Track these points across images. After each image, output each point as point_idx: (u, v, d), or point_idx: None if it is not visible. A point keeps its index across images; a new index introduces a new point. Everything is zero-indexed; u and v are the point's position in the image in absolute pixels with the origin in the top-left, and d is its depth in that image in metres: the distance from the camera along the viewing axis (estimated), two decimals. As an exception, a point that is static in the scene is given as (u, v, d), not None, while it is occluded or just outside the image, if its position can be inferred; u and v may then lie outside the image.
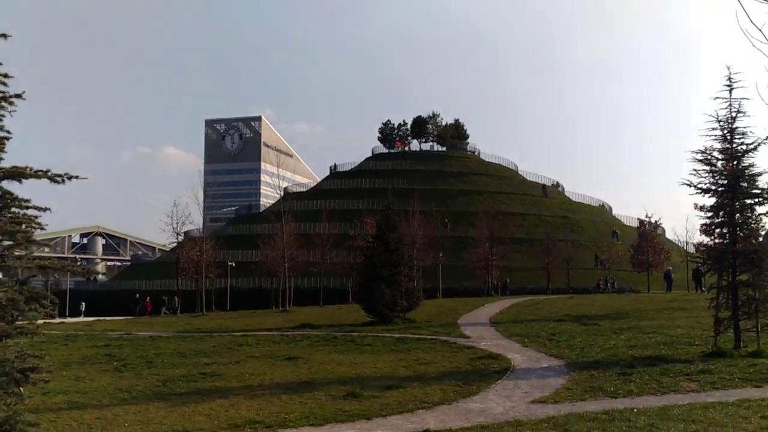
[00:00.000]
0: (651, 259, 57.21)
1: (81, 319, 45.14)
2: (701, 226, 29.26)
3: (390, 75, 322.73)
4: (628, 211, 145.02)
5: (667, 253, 59.31)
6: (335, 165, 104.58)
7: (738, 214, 15.84)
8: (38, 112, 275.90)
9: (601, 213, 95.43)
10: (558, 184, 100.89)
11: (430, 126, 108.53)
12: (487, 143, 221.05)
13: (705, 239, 31.66)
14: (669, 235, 67.62)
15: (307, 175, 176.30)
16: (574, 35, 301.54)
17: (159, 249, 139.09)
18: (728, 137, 15.79)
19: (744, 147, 15.68)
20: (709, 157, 16.14)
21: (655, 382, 12.17)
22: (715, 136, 15.94)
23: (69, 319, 43.92)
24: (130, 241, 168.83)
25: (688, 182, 16.18)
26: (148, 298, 52.24)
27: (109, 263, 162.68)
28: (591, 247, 73.32)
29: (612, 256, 60.65)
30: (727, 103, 15.76)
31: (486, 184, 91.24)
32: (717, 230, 16.69)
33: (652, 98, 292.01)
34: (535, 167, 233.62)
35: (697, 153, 16.19)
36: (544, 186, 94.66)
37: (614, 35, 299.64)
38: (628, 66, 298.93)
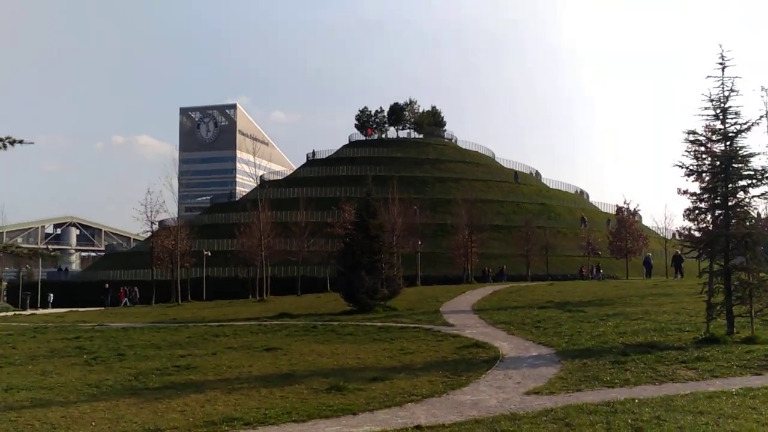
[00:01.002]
0: (630, 246, 57.27)
1: (52, 310, 43.95)
2: (685, 211, 29.25)
3: (368, 63, 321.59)
4: (607, 198, 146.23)
5: (645, 240, 59.39)
6: (313, 152, 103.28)
7: (731, 197, 15.39)
8: (7, 100, 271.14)
9: (578, 200, 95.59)
10: (537, 174, 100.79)
11: (407, 113, 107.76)
12: (465, 131, 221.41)
13: (689, 224, 31.73)
14: (647, 221, 67.77)
15: (284, 164, 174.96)
16: (553, 20, 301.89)
17: (134, 239, 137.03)
18: (721, 117, 15.30)
19: (737, 127, 15.21)
20: (701, 137, 15.66)
21: (651, 370, 11.69)
22: (708, 116, 15.44)
23: (40, 311, 42.74)
24: (105, 232, 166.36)
25: (680, 163, 15.71)
26: (122, 288, 51.12)
27: (83, 254, 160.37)
28: (568, 234, 73.34)
29: (591, 243, 60.53)
30: (720, 82, 15.27)
31: (463, 172, 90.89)
32: (709, 213, 16.24)
33: (631, 86, 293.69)
34: (511, 155, 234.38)
35: (689, 134, 15.70)
36: (515, 173, 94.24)
37: (594, 21, 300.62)
38: (607, 53, 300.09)
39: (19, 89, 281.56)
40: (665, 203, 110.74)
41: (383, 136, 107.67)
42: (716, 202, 15.65)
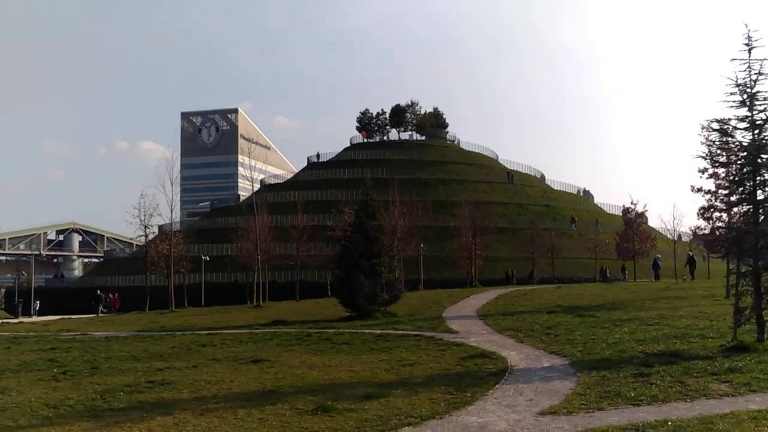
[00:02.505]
0: (637, 247, 55.93)
1: (39, 318, 42.61)
2: (700, 210, 27.96)
3: (370, 66, 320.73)
4: (610, 198, 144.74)
5: (653, 241, 58.04)
6: (318, 154, 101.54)
7: (760, 189, 14.00)
8: (14, 107, 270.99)
9: (583, 201, 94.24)
10: (542, 176, 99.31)
11: (408, 115, 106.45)
12: (468, 132, 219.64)
13: (703, 223, 30.38)
14: (655, 222, 66.31)
15: (286, 168, 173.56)
16: (556, 20, 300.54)
17: (137, 245, 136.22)
18: (748, 103, 13.93)
19: (766, 115, 13.84)
20: (726, 126, 14.29)
21: (680, 384, 10.32)
22: (734, 102, 14.06)
23: (28, 319, 41.43)
24: (108, 237, 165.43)
25: (704, 154, 14.37)
26: (116, 294, 49.88)
27: (85, 260, 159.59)
28: (574, 236, 71.95)
29: (598, 244, 59.10)
30: (746, 65, 13.91)
31: (466, 173, 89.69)
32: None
33: (635, 87, 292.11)
34: (516, 156, 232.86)
35: (712, 122, 14.31)
36: (508, 173, 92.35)
37: (599, 21, 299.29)
38: (611, 53, 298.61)
39: (25, 96, 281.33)
40: (674, 203, 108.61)
41: (385, 138, 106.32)
42: (743, 196, 14.26)
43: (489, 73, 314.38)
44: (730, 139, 14.26)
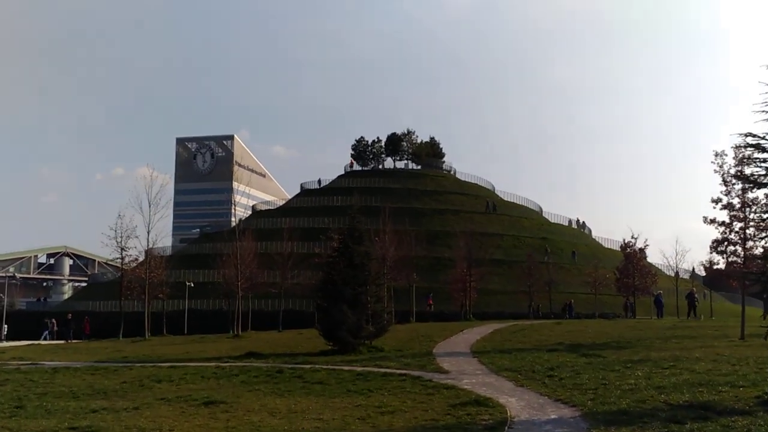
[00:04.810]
0: (637, 283, 53.89)
1: (5, 344, 40.10)
2: (713, 243, 26.02)
3: (370, 95, 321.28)
4: (605, 231, 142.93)
5: (654, 277, 55.96)
6: (320, 180, 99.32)
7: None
8: (11, 133, 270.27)
9: (581, 235, 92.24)
10: (540, 209, 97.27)
11: (405, 143, 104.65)
12: (465, 164, 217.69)
13: (716, 257, 28.37)
14: (655, 258, 64.15)
15: (281, 196, 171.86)
16: (552, 55, 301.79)
17: (125, 269, 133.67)
18: (790, 113, 11.96)
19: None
20: (764, 141, 12.26)
21: (722, 448, 8.24)
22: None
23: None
24: (99, 262, 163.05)
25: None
26: (86, 318, 47.49)
27: (75, 284, 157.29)
28: (572, 270, 69.84)
29: (598, 279, 56.93)
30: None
31: (462, 204, 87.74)
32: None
33: (632, 120, 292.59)
34: (514, 188, 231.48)
35: (746, 136, 12.27)
36: (488, 202, 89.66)
37: (592, 56, 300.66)
38: (605, 87, 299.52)
39: (23, 122, 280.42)
40: (676, 237, 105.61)
41: (380, 166, 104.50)
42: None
43: (488, 105, 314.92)
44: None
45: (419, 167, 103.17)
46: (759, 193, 23.50)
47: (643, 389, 12.77)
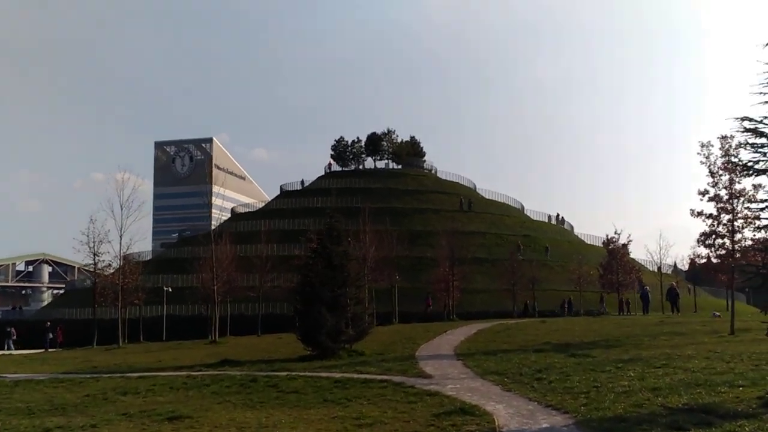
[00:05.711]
0: (621, 279, 53.50)
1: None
2: (701, 236, 25.41)
3: (350, 95, 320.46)
4: (587, 228, 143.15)
5: (637, 273, 55.63)
6: (303, 181, 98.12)
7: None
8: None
9: (563, 232, 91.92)
10: (522, 207, 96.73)
11: (385, 143, 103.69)
12: (447, 162, 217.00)
13: (703, 251, 27.80)
14: (638, 254, 63.83)
15: (261, 198, 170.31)
16: (534, 53, 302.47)
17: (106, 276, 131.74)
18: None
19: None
20: (762, 125, 11.55)
21: (731, 458, 7.48)
22: (769, 95, 11.35)
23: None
24: (78, 269, 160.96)
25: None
26: (59, 327, 46.16)
27: (55, 291, 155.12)
28: (555, 268, 69.34)
29: (582, 276, 56.37)
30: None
31: (443, 203, 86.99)
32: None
33: (611, 117, 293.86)
34: (496, 186, 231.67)
35: (743, 120, 11.55)
36: (462, 200, 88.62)
37: (573, 54, 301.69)
38: (587, 85, 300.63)
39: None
40: (659, 232, 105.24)
41: (361, 166, 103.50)
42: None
43: (469, 103, 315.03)
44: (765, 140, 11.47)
45: (400, 167, 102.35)
46: (746, 184, 23.09)
47: (638, 391, 12.01)
